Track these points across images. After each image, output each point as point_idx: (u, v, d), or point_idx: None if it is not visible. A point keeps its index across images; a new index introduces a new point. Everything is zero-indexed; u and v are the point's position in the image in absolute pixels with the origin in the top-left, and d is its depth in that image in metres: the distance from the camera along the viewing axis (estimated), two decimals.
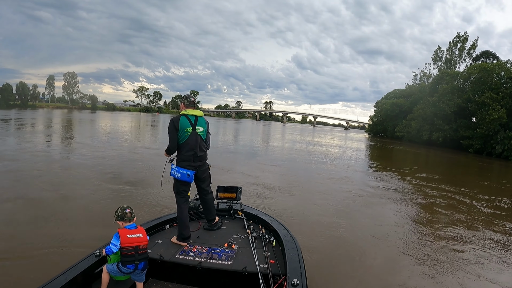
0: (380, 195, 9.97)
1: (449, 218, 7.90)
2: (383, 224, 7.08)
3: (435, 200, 9.89)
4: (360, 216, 7.68)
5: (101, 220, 5.70)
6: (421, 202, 9.53)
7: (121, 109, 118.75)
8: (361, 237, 6.17)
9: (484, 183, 15.14)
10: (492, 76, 41.04)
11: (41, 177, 8.82)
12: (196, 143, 3.86)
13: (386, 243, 5.97)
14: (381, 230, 6.64)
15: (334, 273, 4.65)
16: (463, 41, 54.92)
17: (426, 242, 6.08)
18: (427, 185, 12.36)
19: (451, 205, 9.37)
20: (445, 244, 6.03)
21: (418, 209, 8.70)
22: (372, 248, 5.65)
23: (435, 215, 8.20)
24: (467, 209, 9.03)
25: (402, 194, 10.33)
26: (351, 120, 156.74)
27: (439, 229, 6.97)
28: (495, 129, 37.41)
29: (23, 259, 4.22)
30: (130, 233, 2.93)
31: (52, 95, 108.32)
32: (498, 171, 23.61)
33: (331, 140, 40.99)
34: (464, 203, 9.74)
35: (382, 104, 69.66)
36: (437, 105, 45.47)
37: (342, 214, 7.61)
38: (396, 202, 9.24)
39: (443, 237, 6.47)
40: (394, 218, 7.62)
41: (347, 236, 6.17)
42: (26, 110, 66.66)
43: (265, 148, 23.70)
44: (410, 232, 6.65)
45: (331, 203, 8.56)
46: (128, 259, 2.88)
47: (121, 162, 12.14)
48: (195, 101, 4.04)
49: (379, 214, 7.99)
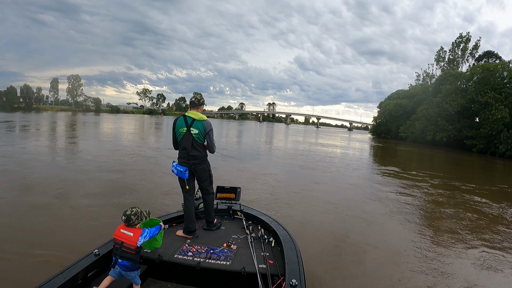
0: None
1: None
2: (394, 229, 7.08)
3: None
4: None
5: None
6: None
7: (124, 112, 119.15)
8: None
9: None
10: (495, 76, 40.97)
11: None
12: (188, 143, 4.03)
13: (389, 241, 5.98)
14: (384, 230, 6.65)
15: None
16: (466, 42, 54.82)
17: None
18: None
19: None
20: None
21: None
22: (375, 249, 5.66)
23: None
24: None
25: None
26: (354, 121, 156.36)
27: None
28: (498, 129, 37.33)
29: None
30: (124, 229, 2.99)
31: (56, 97, 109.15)
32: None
33: (337, 142, 40.81)
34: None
35: (386, 105, 69.51)
36: (441, 105, 45.42)
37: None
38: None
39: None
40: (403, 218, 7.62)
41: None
42: (31, 113, 66.96)
43: (269, 152, 23.57)
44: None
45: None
46: (114, 250, 2.97)
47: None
48: (195, 101, 4.10)
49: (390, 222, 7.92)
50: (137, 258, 2.97)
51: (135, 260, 2.94)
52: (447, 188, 12.22)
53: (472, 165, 25.90)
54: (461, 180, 14.65)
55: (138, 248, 2.97)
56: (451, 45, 57.30)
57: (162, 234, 3.47)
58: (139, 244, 2.96)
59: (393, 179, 13.28)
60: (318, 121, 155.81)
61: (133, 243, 2.92)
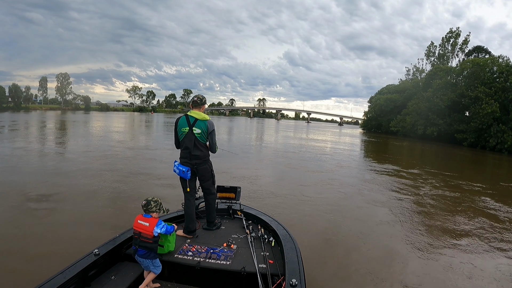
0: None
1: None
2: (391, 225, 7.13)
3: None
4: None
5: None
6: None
7: (114, 109, 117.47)
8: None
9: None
10: (485, 71, 41.44)
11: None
12: (190, 142, 3.99)
13: (391, 240, 6.02)
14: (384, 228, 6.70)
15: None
16: (456, 37, 55.61)
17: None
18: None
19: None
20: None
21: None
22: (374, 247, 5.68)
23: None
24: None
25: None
26: (345, 115, 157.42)
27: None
28: (489, 123, 37.86)
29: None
30: (141, 219, 3.19)
31: (45, 96, 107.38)
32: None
33: (328, 137, 40.97)
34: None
35: (376, 100, 69.93)
36: (431, 100, 45.92)
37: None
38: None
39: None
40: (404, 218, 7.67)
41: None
42: (20, 112, 65.74)
43: (259, 148, 23.61)
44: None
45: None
46: (134, 240, 3.20)
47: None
48: (198, 100, 4.09)
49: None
50: (154, 247, 3.15)
51: (151, 249, 3.12)
52: (447, 182, 12.37)
53: (468, 160, 26.26)
54: (452, 171, 14.85)
55: (155, 237, 3.15)
56: (441, 40, 58.14)
57: (175, 236, 3.57)
58: (156, 233, 3.14)
59: (393, 177, 13.37)
60: (309, 116, 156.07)
61: (149, 233, 3.11)
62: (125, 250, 3.49)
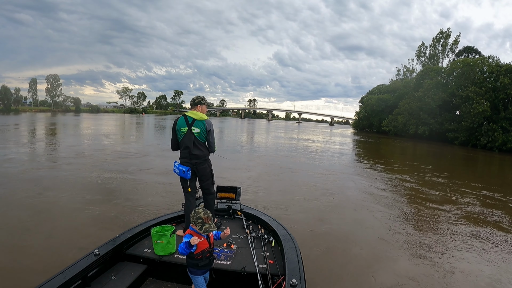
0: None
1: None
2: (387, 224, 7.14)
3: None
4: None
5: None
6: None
7: (105, 111, 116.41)
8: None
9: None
10: (475, 71, 42.17)
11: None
12: (190, 142, 4.00)
13: (392, 237, 6.02)
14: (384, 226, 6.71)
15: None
16: (446, 37, 56.55)
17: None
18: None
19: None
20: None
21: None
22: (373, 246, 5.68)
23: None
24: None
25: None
26: (335, 115, 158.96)
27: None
28: (479, 122, 38.54)
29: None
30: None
31: (35, 98, 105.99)
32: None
33: (319, 137, 41.06)
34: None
35: (368, 100, 70.75)
36: (422, 99, 46.65)
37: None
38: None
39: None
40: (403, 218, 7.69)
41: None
42: (9, 115, 64.63)
43: (250, 148, 23.59)
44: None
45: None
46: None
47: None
48: (198, 100, 4.11)
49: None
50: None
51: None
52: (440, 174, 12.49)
53: (460, 157, 26.61)
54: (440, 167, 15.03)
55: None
56: (432, 40, 59.11)
57: (175, 237, 3.53)
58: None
59: (391, 173, 13.46)
60: (300, 117, 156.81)
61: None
62: (125, 250, 3.48)
